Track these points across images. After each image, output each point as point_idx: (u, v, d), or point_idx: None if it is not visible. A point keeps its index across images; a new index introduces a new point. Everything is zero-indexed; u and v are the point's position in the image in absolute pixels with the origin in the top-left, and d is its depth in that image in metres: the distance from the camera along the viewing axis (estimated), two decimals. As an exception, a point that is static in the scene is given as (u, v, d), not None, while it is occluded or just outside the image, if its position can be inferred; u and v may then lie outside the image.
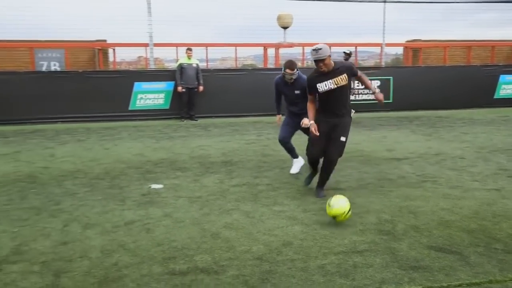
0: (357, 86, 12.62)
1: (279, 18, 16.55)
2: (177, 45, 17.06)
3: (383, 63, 16.52)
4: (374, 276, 3.21)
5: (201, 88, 11.86)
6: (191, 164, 6.85)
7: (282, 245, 3.79)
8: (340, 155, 5.07)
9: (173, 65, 19.46)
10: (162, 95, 12.26)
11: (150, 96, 12.21)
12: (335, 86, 4.82)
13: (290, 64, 5.70)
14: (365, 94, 13.03)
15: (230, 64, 20.20)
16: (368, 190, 5.36)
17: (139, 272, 3.33)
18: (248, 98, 12.29)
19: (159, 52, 21.89)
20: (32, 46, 16.63)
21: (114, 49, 18.40)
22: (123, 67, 21.07)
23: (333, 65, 4.83)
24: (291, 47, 17.71)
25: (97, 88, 11.70)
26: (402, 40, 20.26)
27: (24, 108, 11.35)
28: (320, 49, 4.68)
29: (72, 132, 10.17)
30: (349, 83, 4.92)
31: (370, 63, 23.32)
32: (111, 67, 18.41)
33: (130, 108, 12.05)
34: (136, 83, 12.05)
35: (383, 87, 12.30)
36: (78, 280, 3.23)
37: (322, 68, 4.78)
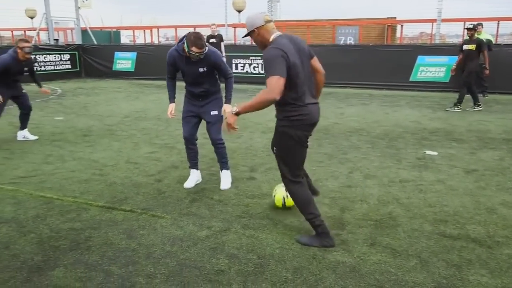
0: None
1: None
2: (464, 20, 15.02)
3: None
4: None
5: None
6: (467, 137, 6.06)
7: None
8: None
9: (455, 40, 17.40)
10: (443, 69, 11.14)
11: (431, 69, 11.28)
12: None
13: (197, 40, 3.53)
14: None
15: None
16: None
17: (410, 226, 3.18)
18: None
19: (443, 28, 19.88)
20: (334, 24, 17.58)
21: (402, 26, 17.66)
22: (405, 42, 20.17)
23: None
24: None
25: (384, 60, 11.54)
26: None
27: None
28: None
29: (358, 96, 10.43)
30: None
31: None
32: (397, 42, 17.83)
33: (410, 79, 11.45)
34: (419, 57, 11.31)
35: None
36: (357, 218, 3.33)
37: None
